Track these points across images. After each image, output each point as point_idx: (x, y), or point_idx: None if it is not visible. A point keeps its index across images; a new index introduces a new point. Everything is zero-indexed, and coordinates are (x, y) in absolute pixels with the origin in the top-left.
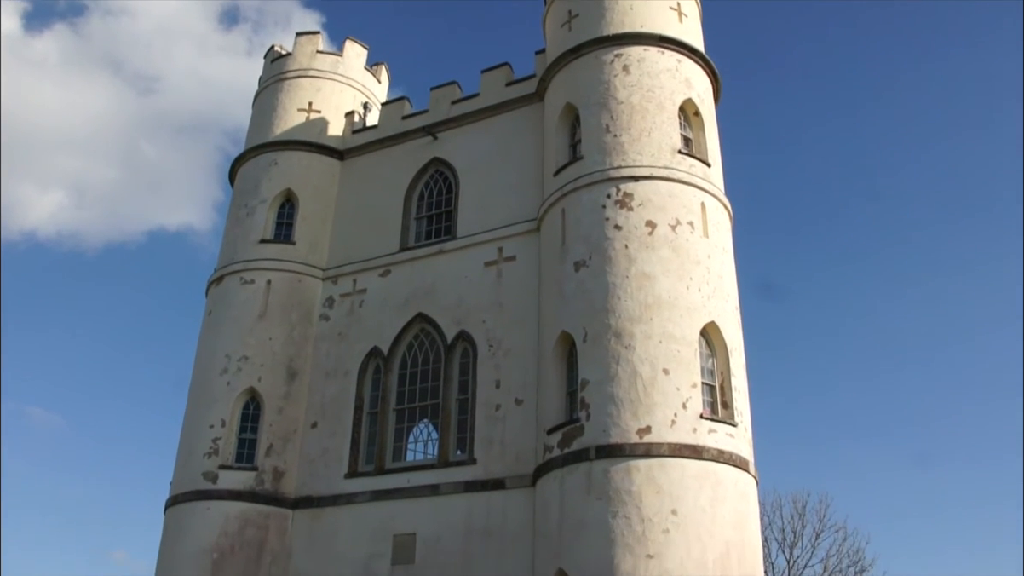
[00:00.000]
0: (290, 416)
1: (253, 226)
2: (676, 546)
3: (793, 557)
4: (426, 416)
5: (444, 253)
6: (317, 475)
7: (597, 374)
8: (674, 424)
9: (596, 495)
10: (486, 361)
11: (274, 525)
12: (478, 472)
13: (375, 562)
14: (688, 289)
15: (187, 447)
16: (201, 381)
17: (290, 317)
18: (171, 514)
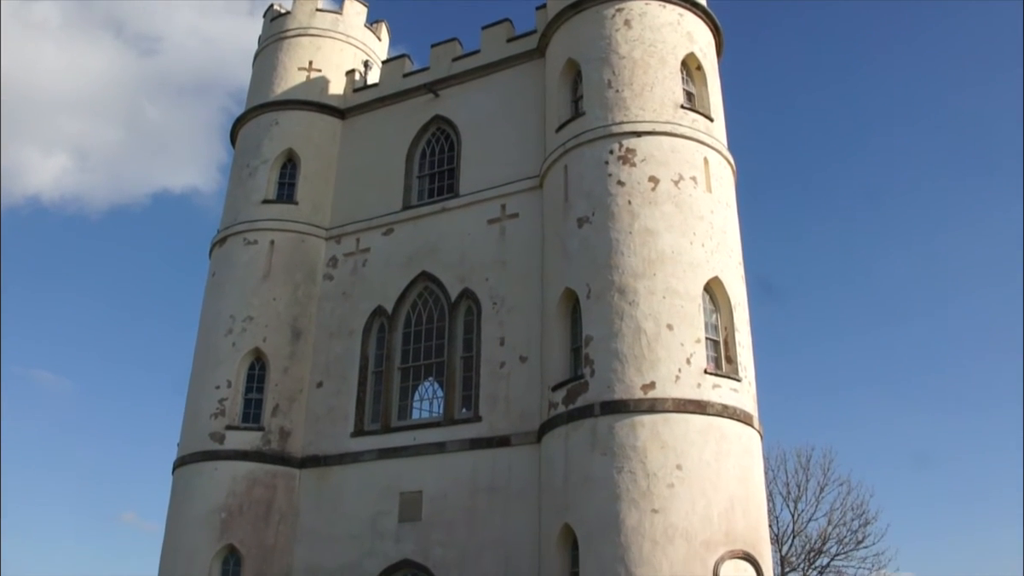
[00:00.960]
0: (295, 376)
1: (255, 187)
2: (681, 500)
3: (797, 511)
4: (431, 374)
5: (447, 211)
6: (323, 434)
7: (601, 330)
8: (678, 379)
9: (601, 451)
10: (490, 318)
11: (281, 484)
12: (483, 429)
13: (382, 519)
14: (691, 244)
15: (193, 408)
16: (206, 342)
17: (294, 277)
18: (179, 475)
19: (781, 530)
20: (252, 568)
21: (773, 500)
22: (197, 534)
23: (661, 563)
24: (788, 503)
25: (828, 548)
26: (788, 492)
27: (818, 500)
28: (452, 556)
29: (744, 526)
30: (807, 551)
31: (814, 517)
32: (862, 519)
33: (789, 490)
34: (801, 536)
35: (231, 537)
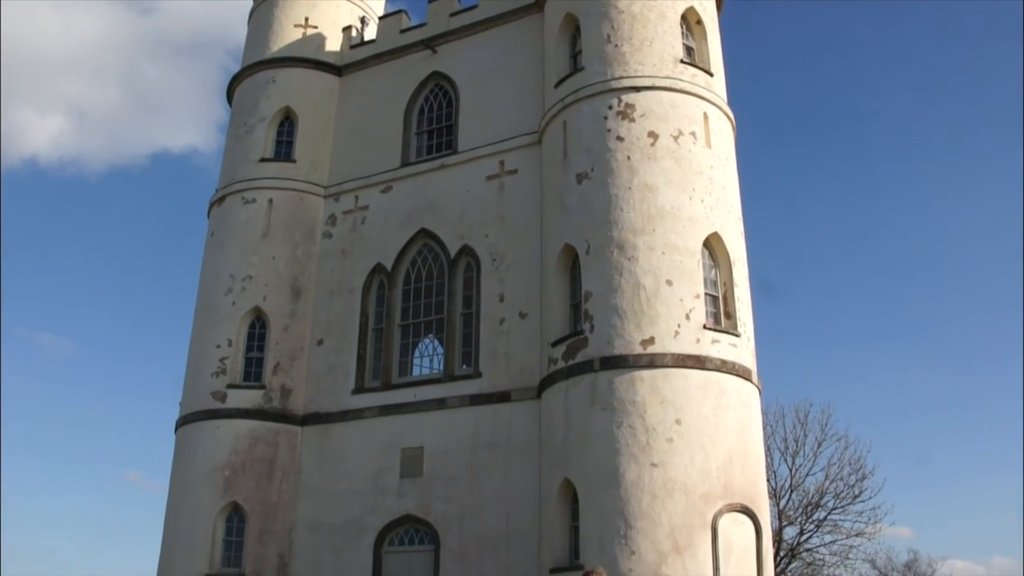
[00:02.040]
0: (296, 334)
1: (253, 145)
2: (680, 455)
3: (795, 466)
4: (431, 331)
5: (445, 168)
6: (324, 392)
7: (600, 286)
8: (677, 335)
9: (601, 406)
10: (489, 275)
11: (284, 442)
12: (484, 385)
13: (384, 476)
14: (691, 200)
15: (195, 367)
16: (206, 302)
17: (293, 235)
18: (182, 434)
19: (779, 484)
20: (256, 525)
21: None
22: (201, 492)
23: (660, 516)
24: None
25: (825, 502)
26: (786, 447)
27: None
28: (453, 511)
29: (742, 480)
30: (804, 505)
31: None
32: (859, 474)
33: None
34: (799, 490)
35: (234, 494)
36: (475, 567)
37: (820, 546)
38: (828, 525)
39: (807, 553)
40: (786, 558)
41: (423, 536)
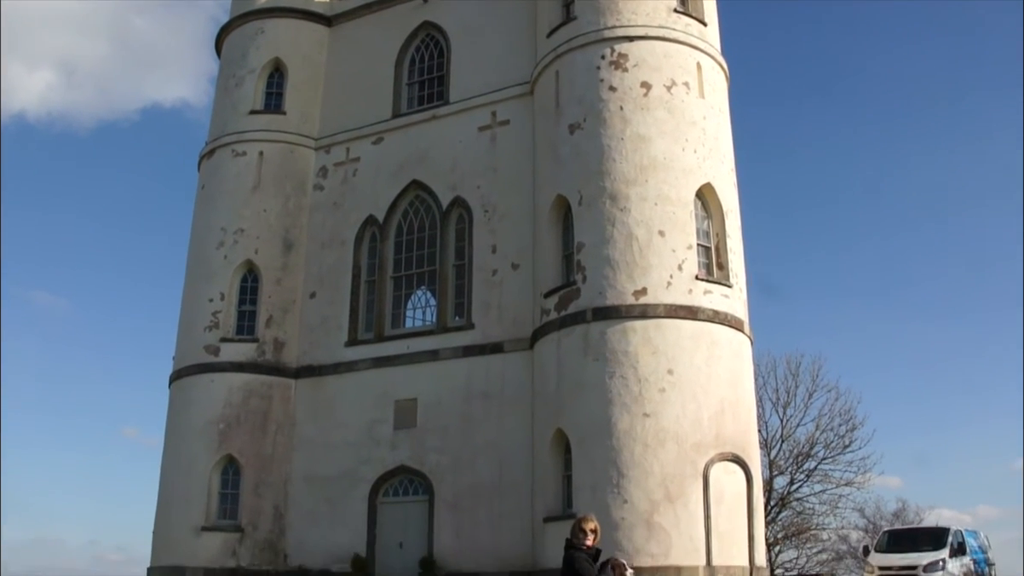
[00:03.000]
0: (288, 287)
1: (242, 97)
2: (672, 405)
3: (786, 416)
4: (424, 283)
5: (437, 119)
6: (318, 344)
7: (593, 237)
8: (670, 285)
9: (593, 356)
10: (482, 226)
11: (277, 395)
12: (476, 336)
13: (378, 427)
14: (683, 151)
15: (187, 321)
16: (198, 255)
17: (284, 188)
18: (176, 388)
19: (770, 435)
20: (251, 477)
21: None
22: (196, 445)
23: (652, 465)
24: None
25: (815, 452)
26: (777, 398)
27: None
28: (447, 461)
29: (734, 429)
30: (795, 455)
31: (802, 422)
32: (849, 424)
33: (778, 396)
34: (789, 441)
35: (229, 447)
36: (469, 517)
37: (810, 495)
38: (818, 475)
39: (797, 502)
40: (776, 507)
41: (417, 487)
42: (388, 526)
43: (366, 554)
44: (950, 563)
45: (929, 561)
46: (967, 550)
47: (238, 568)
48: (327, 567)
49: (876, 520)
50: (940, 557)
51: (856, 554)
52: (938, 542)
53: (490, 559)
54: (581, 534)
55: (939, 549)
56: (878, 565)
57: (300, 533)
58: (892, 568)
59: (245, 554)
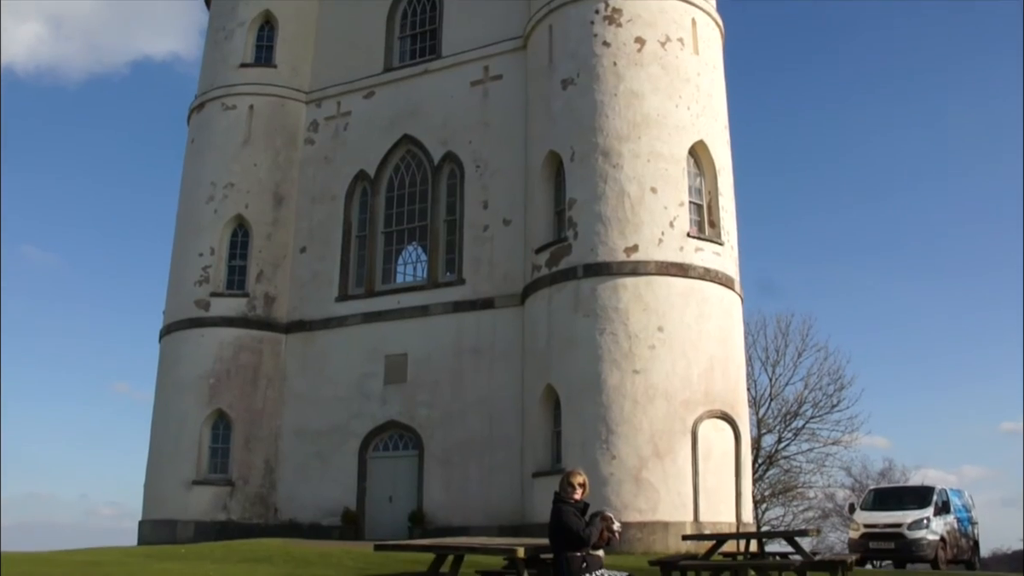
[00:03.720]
0: (279, 242)
1: (232, 50)
2: (662, 361)
3: (775, 375)
4: (415, 238)
5: (429, 73)
6: (308, 299)
7: (585, 193)
8: (661, 242)
9: (584, 313)
10: (473, 182)
11: (268, 349)
12: (467, 292)
13: (368, 382)
14: (677, 107)
15: (177, 276)
16: (188, 210)
17: (274, 142)
18: (166, 343)
19: (759, 393)
20: (242, 432)
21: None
22: (186, 400)
23: (641, 422)
24: (766, 367)
25: (804, 411)
26: (767, 357)
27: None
28: (437, 416)
29: (723, 387)
30: (783, 414)
31: (791, 381)
32: (837, 384)
33: (768, 355)
34: (778, 399)
35: (220, 402)
36: (459, 471)
37: (797, 454)
38: (806, 433)
39: (784, 460)
40: (764, 465)
41: (407, 441)
42: (378, 480)
43: (356, 508)
44: (934, 521)
45: (914, 519)
46: (951, 509)
47: (229, 521)
48: (317, 521)
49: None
50: (924, 515)
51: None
52: (923, 501)
53: (479, 514)
54: (569, 488)
55: (924, 508)
56: (863, 523)
57: (290, 487)
58: (877, 526)
59: (236, 508)
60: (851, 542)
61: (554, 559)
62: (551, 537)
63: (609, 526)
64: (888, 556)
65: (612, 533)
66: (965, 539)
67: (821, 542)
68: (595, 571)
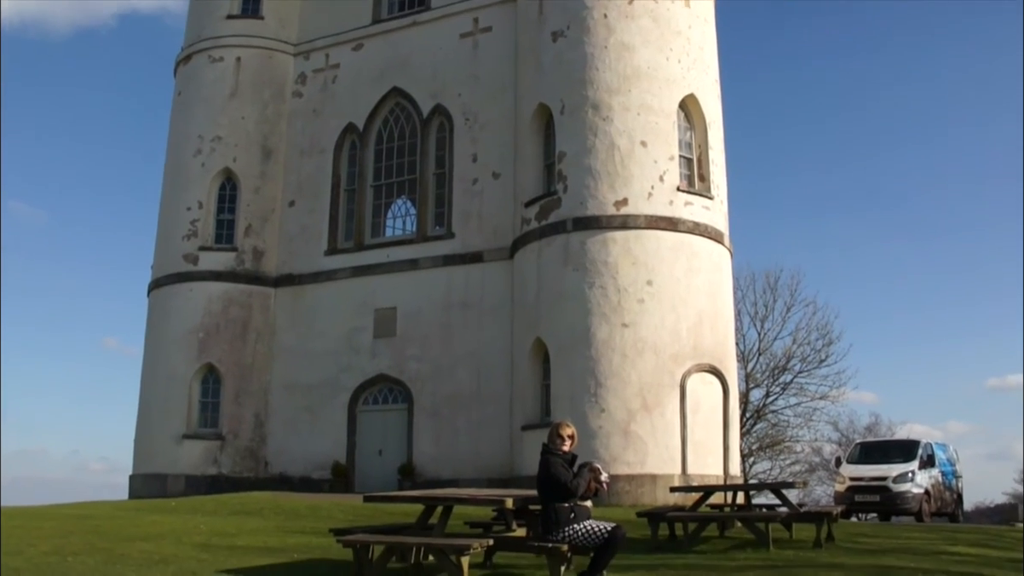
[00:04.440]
0: (267, 195)
1: (219, 1)
2: (651, 315)
3: (764, 330)
4: (404, 192)
5: (418, 25)
6: (297, 253)
7: (574, 146)
8: (651, 196)
9: (573, 266)
10: (462, 135)
11: (257, 304)
12: (456, 246)
13: (357, 336)
14: (668, 60)
15: (165, 230)
16: (175, 163)
17: (262, 95)
18: (155, 297)
19: (747, 348)
20: (231, 386)
21: (741, 319)
22: (176, 354)
23: (630, 375)
24: (755, 322)
25: (792, 366)
26: (756, 312)
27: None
28: (426, 370)
29: (711, 341)
30: (772, 369)
31: (780, 336)
32: (825, 339)
33: (757, 310)
34: (766, 354)
35: (209, 356)
36: (448, 425)
37: (785, 408)
38: (794, 388)
39: (772, 415)
40: (752, 419)
41: (397, 395)
42: (368, 434)
43: (346, 461)
44: (919, 475)
45: (899, 472)
46: (936, 462)
47: (219, 475)
48: (307, 474)
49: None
50: (910, 469)
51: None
52: (908, 454)
53: (469, 467)
54: (558, 439)
55: (909, 461)
56: (849, 476)
57: (281, 441)
58: (863, 479)
59: (226, 461)
60: (837, 495)
61: (542, 510)
62: (539, 488)
63: (597, 477)
64: (873, 509)
65: (600, 484)
66: (949, 492)
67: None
68: (583, 521)
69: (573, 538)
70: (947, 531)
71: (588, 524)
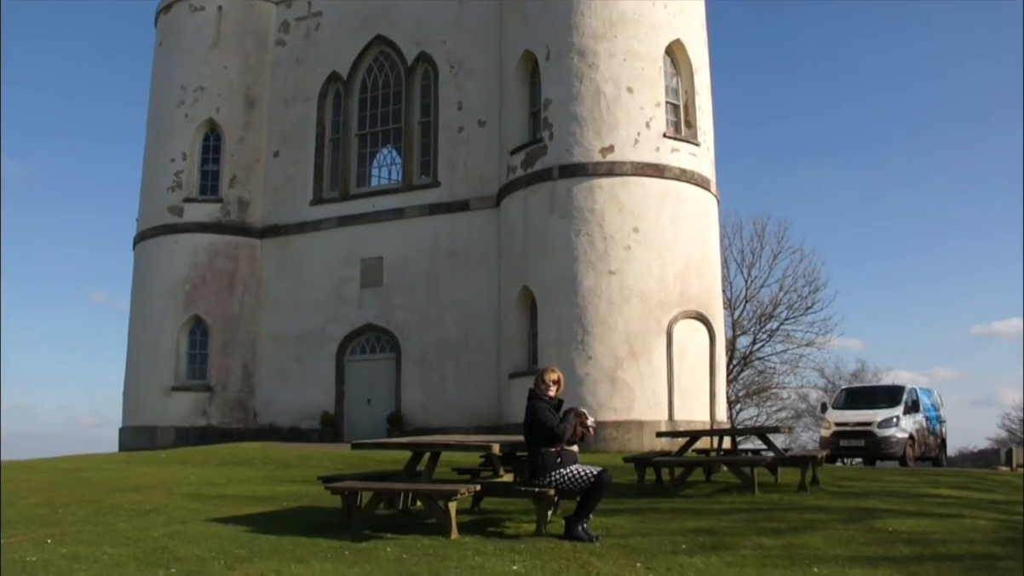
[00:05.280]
0: (251, 146)
1: None
2: (637, 262)
3: (750, 277)
4: (389, 141)
5: None
6: (282, 203)
7: (560, 93)
8: (637, 143)
9: (559, 214)
10: (448, 83)
11: (243, 255)
12: (442, 195)
13: (344, 286)
14: (653, 5)
15: (150, 182)
16: (158, 114)
17: (244, 44)
18: (140, 250)
19: (734, 295)
20: (219, 337)
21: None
22: (163, 307)
23: (617, 322)
24: (742, 269)
25: (778, 313)
26: (742, 259)
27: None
28: (414, 319)
29: (698, 288)
30: (758, 315)
31: (766, 283)
32: (812, 286)
33: (743, 257)
34: (753, 301)
35: (196, 308)
36: (436, 374)
37: (772, 355)
38: (780, 335)
39: (759, 362)
40: (739, 366)
41: (384, 344)
42: (356, 384)
43: (334, 411)
44: (904, 420)
45: (884, 418)
46: (920, 408)
47: (208, 427)
48: (296, 424)
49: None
50: (894, 414)
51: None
52: (893, 400)
53: (457, 414)
54: (544, 385)
55: (894, 406)
56: (835, 421)
57: (269, 392)
58: (848, 424)
59: (215, 413)
60: (822, 440)
61: (529, 455)
62: (526, 433)
63: (583, 422)
64: (858, 453)
65: (586, 429)
66: (933, 437)
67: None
68: (569, 466)
69: (560, 482)
70: (930, 475)
71: (574, 468)
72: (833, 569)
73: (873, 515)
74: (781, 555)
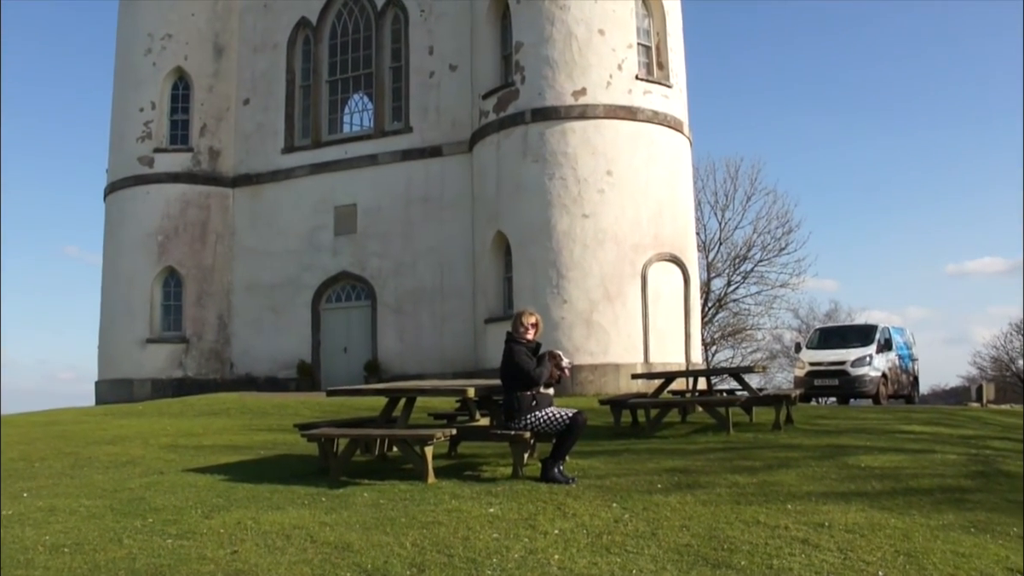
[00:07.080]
0: (221, 94)
1: None
2: (611, 205)
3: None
4: (360, 87)
5: None
6: (254, 152)
7: (532, 36)
8: (609, 85)
9: (532, 158)
10: (418, 27)
11: (215, 204)
12: (415, 140)
13: (318, 234)
14: None
15: (119, 133)
16: (125, 63)
17: None
18: (111, 201)
19: (708, 238)
20: (193, 288)
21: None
22: (136, 258)
23: (591, 265)
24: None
25: (752, 255)
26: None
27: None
28: (388, 266)
29: (672, 231)
30: (732, 258)
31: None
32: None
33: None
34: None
35: (169, 259)
36: (411, 320)
37: (746, 297)
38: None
39: (734, 303)
40: (713, 308)
41: (359, 292)
42: (332, 332)
43: (311, 360)
44: (876, 358)
45: (857, 356)
46: (893, 346)
47: (185, 378)
48: (273, 374)
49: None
50: (867, 352)
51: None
52: (866, 339)
53: (433, 361)
54: (522, 328)
55: (866, 345)
56: (809, 361)
57: (245, 342)
58: (822, 364)
59: (191, 364)
60: (796, 380)
61: (505, 398)
62: (502, 376)
63: (558, 363)
64: (832, 392)
65: (561, 370)
66: (905, 375)
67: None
68: (544, 408)
69: (535, 425)
70: (902, 412)
71: (550, 411)
72: (807, 505)
73: (846, 452)
74: (755, 493)
